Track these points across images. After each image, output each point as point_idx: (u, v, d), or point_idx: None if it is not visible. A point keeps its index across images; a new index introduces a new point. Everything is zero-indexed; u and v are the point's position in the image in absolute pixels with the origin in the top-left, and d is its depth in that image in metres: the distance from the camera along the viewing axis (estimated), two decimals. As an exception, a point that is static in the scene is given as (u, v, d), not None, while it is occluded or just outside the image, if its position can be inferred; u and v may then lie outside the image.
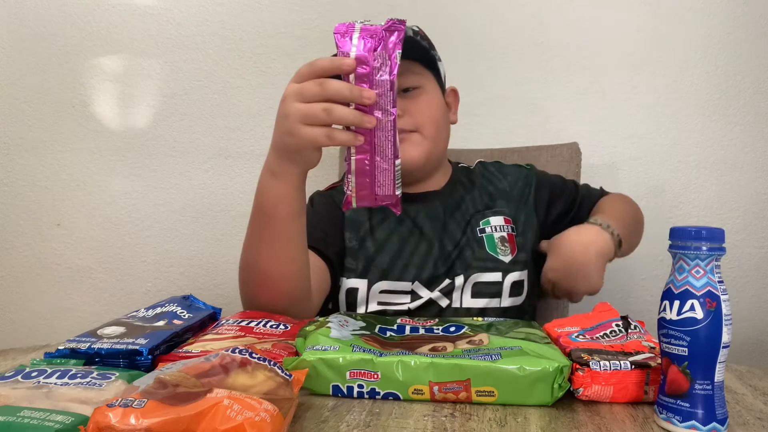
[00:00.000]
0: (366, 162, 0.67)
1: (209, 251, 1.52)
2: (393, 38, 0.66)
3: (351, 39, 0.66)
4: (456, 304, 0.95)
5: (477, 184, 1.06)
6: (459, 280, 0.96)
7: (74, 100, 1.50)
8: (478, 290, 0.96)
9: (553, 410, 0.59)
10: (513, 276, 0.97)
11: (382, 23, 0.67)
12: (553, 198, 1.05)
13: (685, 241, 0.55)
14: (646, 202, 1.46)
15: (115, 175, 1.52)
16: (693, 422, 0.54)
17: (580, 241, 0.93)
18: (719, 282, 0.55)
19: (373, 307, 0.95)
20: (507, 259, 0.97)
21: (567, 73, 1.45)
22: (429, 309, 0.95)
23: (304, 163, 0.73)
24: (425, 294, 0.95)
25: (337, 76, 0.67)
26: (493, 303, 0.96)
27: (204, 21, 1.48)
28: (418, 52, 0.97)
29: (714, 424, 0.54)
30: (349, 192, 0.69)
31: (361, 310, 0.96)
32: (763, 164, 1.45)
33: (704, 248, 0.55)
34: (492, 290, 0.96)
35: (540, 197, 1.04)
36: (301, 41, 1.46)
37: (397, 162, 0.68)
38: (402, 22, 0.66)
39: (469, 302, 0.96)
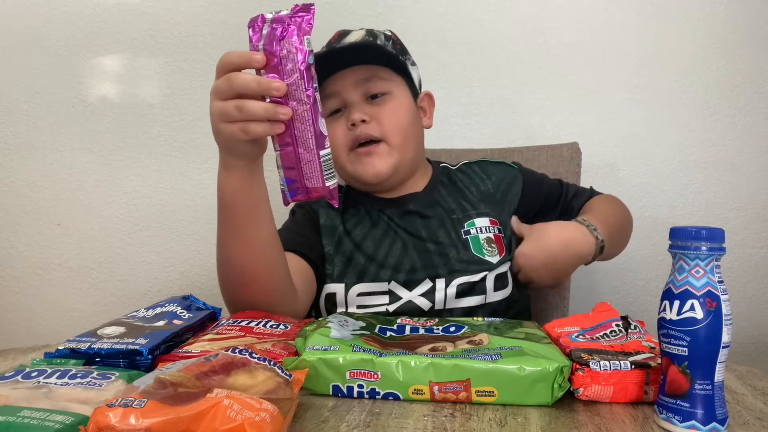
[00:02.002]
0: (291, 155, 0.67)
1: (209, 251, 1.51)
2: (301, 23, 0.64)
3: (261, 31, 0.65)
4: (439, 306, 0.92)
5: (459, 185, 1.04)
6: (440, 283, 0.93)
7: (74, 100, 1.50)
8: (462, 290, 0.93)
9: (553, 410, 0.59)
10: (495, 271, 0.94)
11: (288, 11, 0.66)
12: (537, 198, 1.04)
13: (685, 241, 0.55)
14: (646, 202, 1.47)
15: (115, 175, 1.52)
16: (693, 422, 0.54)
17: (563, 238, 0.92)
18: (719, 282, 0.55)
19: (352, 311, 0.94)
20: (495, 260, 0.95)
21: (567, 73, 1.45)
22: (411, 312, 0.92)
23: (244, 156, 0.74)
24: (404, 295, 0.93)
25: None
26: (478, 301, 0.93)
27: (204, 21, 1.48)
28: (386, 57, 0.96)
29: (714, 424, 0.54)
30: (282, 187, 0.69)
31: None
32: (763, 164, 1.45)
33: (704, 248, 0.55)
34: (476, 289, 0.93)
35: (525, 198, 1.03)
36: (301, 41, 1.46)
37: (322, 153, 0.67)
38: (309, 5, 0.65)
39: (453, 303, 0.93)
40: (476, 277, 0.94)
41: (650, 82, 1.44)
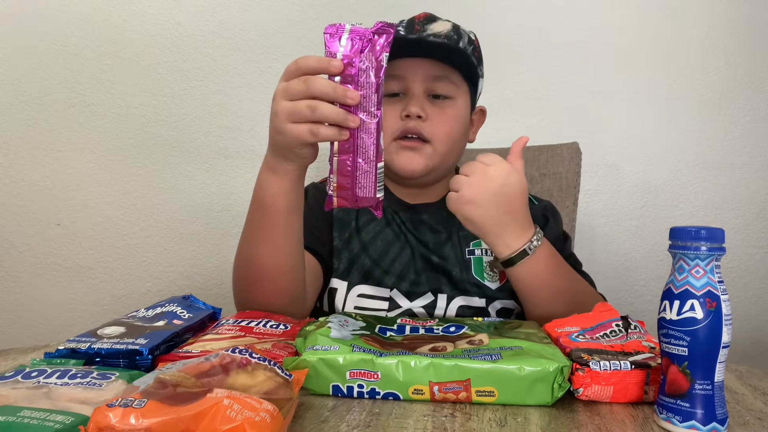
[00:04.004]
0: (348, 163, 0.68)
1: (209, 251, 1.52)
2: (381, 41, 0.66)
3: (339, 40, 0.66)
4: None
5: None
6: (442, 300, 0.93)
7: (74, 100, 1.50)
8: (463, 313, 0.92)
9: (553, 410, 0.59)
10: (498, 304, 0.93)
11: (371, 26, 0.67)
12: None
13: (685, 241, 0.55)
14: (645, 201, 1.47)
15: (115, 175, 1.52)
16: (693, 422, 0.54)
17: (512, 192, 0.79)
18: (719, 282, 0.55)
19: (350, 309, 0.93)
20: (494, 286, 0.93)
21: (567, 73, 1.45)
22: None
23: (298, 159, 0.74)
24: (404, 304, 0.93)
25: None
26: None
27: (204, 21, 1.48)
28: (465, 63, 0.93)
29: (714, 424, 0.54)
30: (330, 191, 0.69)
31: None
32: (763, 164, 1.45)
33: (704, 248, 0.55)
34: (477, 315, 0.91)
35: None
36: (301, 41, 1.47)
37: (380, 165, 0.68)
38: (391, 25, 0.67)
39: None
40: (476, 303, 0.93)
41: (650, 82, 1.44)
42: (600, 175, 1.46)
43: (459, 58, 0.93)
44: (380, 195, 0.69)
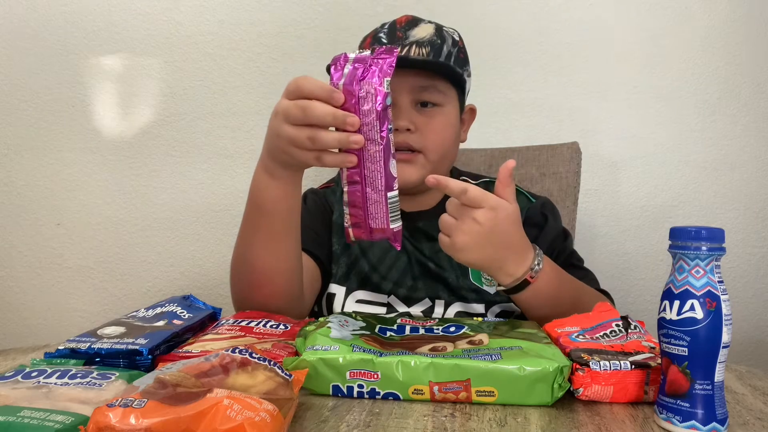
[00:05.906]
0: (358, 194, 0.67)
1: (209, 251, 1.52)
2: (383, 66, 0.65)
3: (343, 69, 0.66)
4: None
5: None
6: (439, 306, 0.93)
7: (74, 100, 1.50)
8: (460, 318, 0.91)
9: (553, 410, 0.59)
10: (498, 308, 0.93)
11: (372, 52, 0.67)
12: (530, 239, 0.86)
13: (685, 241, 0.55)
14: (645, 202, 1.47)
15: (115, 175, 1.52)
16: (693, 422, 0.54)
17: (504, 227, 0.75)
18: (719, 282, 0.55)
19: None
20: (492, 290, 0.93)
21: (567, 73, 1.45)
22: None
23: (300, 167, 0.75)
24: (402, 310, 0.93)
25: None
26: None
27: (204, 21, 1.48)
28: (449, 73, 0.93)
29: (714, 424, 0.54)
30: (346, 224, 0.69)
31: None
32: (763, 164, 1.45)
33: (704, 248, 0.55)
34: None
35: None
36: (301, 41, 1.47)
37: (390, 194, 0.67)
38: (392, 48, 0.66)
39: None
40: (475, 309, 0.93)
41: (650, 82, 1.44)
42: (600, 175, 1.46)
43: (444, 69, 0.93)
44: (395, 225, 0.67)
